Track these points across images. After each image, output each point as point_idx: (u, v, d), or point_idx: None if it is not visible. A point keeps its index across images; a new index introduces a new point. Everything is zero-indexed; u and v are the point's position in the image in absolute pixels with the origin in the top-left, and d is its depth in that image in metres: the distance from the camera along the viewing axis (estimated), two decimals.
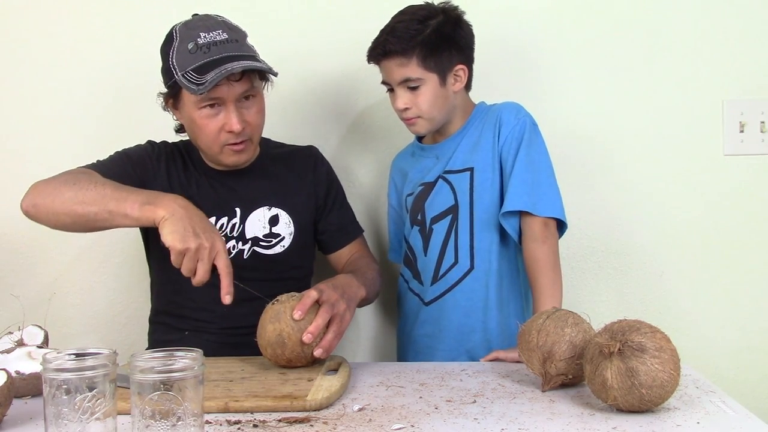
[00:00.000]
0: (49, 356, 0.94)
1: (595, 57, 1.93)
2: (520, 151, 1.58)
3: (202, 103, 1.50)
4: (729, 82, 1.92)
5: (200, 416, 0.95)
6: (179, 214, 1.31)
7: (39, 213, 1.42)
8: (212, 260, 1.30)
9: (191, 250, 1.28)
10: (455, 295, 1.63)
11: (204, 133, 1.53)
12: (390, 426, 1.06)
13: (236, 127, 1.50)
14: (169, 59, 1.50)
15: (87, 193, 1.38)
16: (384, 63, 1.61)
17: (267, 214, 1.64)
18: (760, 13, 1.92)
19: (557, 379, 1.21)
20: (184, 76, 1.46)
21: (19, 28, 1.94)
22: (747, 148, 1.93)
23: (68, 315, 1.95)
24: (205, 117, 1.51)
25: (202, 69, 1.45)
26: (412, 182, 1.73)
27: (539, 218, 1.55)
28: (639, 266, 1.94)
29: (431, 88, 1.59)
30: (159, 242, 1.33)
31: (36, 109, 1.95)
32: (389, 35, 1.58)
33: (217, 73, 1.43)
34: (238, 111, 1.51)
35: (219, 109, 1.51)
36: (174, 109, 1.58)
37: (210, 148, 1.56)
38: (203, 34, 1.48)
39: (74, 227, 1.42)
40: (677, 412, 1.10)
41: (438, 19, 1.59)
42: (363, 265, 1.67)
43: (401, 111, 1.62)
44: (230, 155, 1.56)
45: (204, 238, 1.30)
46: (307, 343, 1.32)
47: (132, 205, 1.34)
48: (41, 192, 1.42)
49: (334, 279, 1.48)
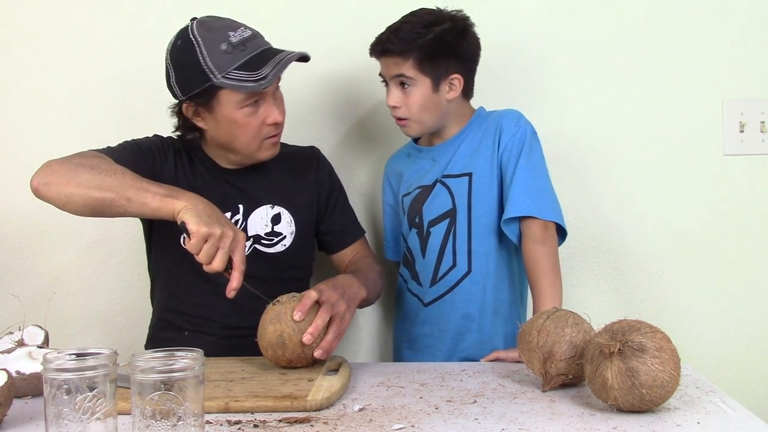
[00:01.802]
0: (50, 356, 0.94)
1: (595, 57, 1.93)
2: (521, 159, 1.59)
3: (246, 101, 1.49)
4: (729, 82, 1.92)
5: (201, 416, 0.95)
6: (200, 206, 1.32)
7: (50, 192, 1.38)
8: (232, 251, 1.31)
9: (215, 236, 1.28)
10: (454, 297, 1.65)
11: (246, 131, 1.53)
12: (390, 426, 1.06)
13: (280, 118, 1.54)
14: (200, 64, 1.46)
15: (106, 178, 1.36)
16: (382, 59, 1.64)
17: (269, 213, 1.64)
18: (760, 13, 1.92)
19: (557, 379, 1.21)
20: (227, 76, 1.45)
21: (20, 28, 1.94)
22: (747, 148, 1.93)
23: (68, 315, 1.94)
24: (247, 115, 1.51)
25: (250, 65, 1.45)
26: (408, 183, 1.74)
27: (540, 220, 1.56)
28: (639, 266, 1.94)
29: (422, 92, 1.60)
30: (162, 238, 1.32)
31: (36, 109, 1.95)
32: (392, 34, 1.60)
33: (274, 65, 1.45)
34: (277, 103, 1.54)
35: (259, 105, 1.52)
36: (199, 116, 1.54)
37: (250, 145, 1.56)
38: (231, 33, 1.47)
39: (84, 210, 1.38)
40: (677, 412, 1.10)
41: (443, 26, 1.60)
42: (365, 266, 1.67)
43: (392, 109, 1.64)
44: (268, 148, 1.58)
45: (228, 227, 1.31)
46: (307, 344, 1.32)
47: (153, 196, 1.33)
48: (55, 171, 1.39)
49: (335, 279, 1.48)
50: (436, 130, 1.69)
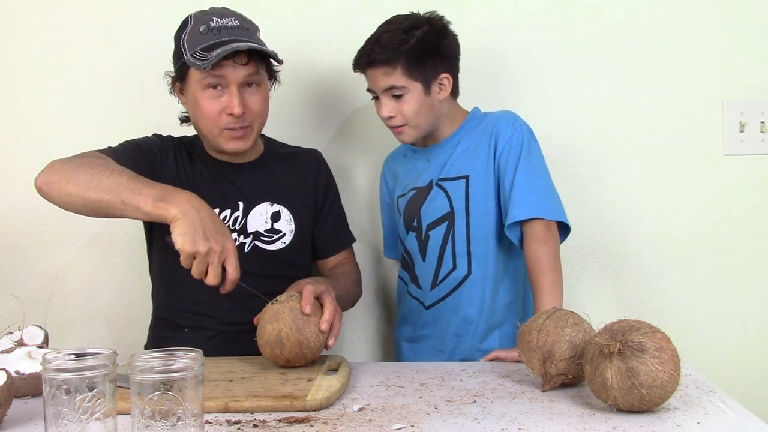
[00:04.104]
0: (49, 356, 0.94)
1: (594, 56, 1.93)
2: (520, 160, 1.59)
3: (206, 81, 1.51)
4: (729, 82, 1.92)
5: (200, 416, 0.95)
6: (191, 215, 1.29)
7: (51, 191, 1.40)
8: (222, 263, 1.30)
9: (201, 254, 1.27)
10: (455, 299, 1.65)
11: (205, 114, 1.55)
12: (390, 426, 1.06)
13: (237, 110, 1.52)
14: (180, 41, 1.53)
15: (103, 179, 1.36)
16: (369, 72, 1.62)
17: (269, 210, 1.64)
18: (760, 13, 1.92)
19: (557, 379, 1.21)
20: (193, 55, 1.49)
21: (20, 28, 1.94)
22: (747, 148, 1.93)
23: (68, 315, 1.94)
24: (208, 98, 1.53)
25: (210, 48, 1.48)
26: (403, 183, 1.75)
27: (543, 220, 1.56)
28: (639, 266, 1.94)
29: (416, 97, 1.60)
30: (161, 235, 1.32)
31: (36, 109, 1.95)
32: (375, 45, 1.59)
33: (222, 50, 1.46)
34: (241, 95, 1.53)
35: (222, 92, 1.53)
36: (180, 94, 1.61)
37: (210, 130, 1.57)
38: (216, 19, 1.52)
39: (84, 211, 1.39)
40: (677, 412, 1.10)
41: (423, 29, 1.60)
42: (340, 273, 1.70)
43: (386, 119, 1.64)
44: (229, 140, 1.57)
45: (214, 242, 1.28)
46: (325, 331, 1.36)
47: (146, 199, 1.32)
48: (57, 171, 1.40)
49: (311, 278, 1.51)
50: (429, 133, 1.69)
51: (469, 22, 1.68)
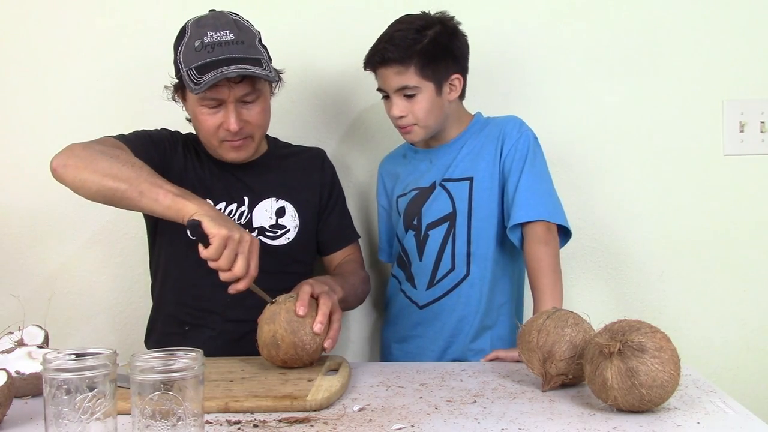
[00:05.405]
0: (50, 356, 0.94)
1: (594, 57, 1.93)
2: (525, 165, 1.60)
3: (203, 101, 1.52)
4: (729, 82, 1.92)
5: (200, 416, 0.95)
6: (213, 212, 1.32)
7: (66, 174, 1.40)
8: (250, 255, 1.30)
9: (234, 240, 1.28)
10: (450, 300, 1.65)
11: (203, 128, 1.56)
12: (390, 426, 1.06)
13: (233, 127, 1.53)
14: (177, 54, 1.53)
15: (123, 168, 1.37)
16: (381, 70, 1.62)
17: (274, 206, 1.65)
18: (760, 13, 1.92)
19: (557, 379, 1.21)
20: (188, 73, 1.49)
21: (20, 27, 1.94)
22: (747, 148, 1.93)
23: (68, 315, 1.94)
24: (205, 114, 1.54)
25: (203, 69, 1.47)
26: (404, 184, 1.74)
27: (544, 222, 1.56)
28: (638, 266, 1.94)
29: (427, 97, 1.60)
30: (167, 230, 1.32)
31: (36, 109, 1.95)
32: (388, 43, 1.59)
33: (212, 76, 1.46)
34: (238, 111, 1.53)
35: (219, 109, 1.53)
36: (183, 100, 1.61)
37: (210, 141, 1.59)
38: (210, 33, 1.50)
39: (96, 197, 1.40)
40: (677, 412, 1.10)
41: (435, 29, 1.60)
42: (348, 270, 1.70)
43: (397, 119, 1.63)
44: (228, 151, 1.59)
45: (245, 232, 1.31)
46: (319, 333, 1.35)
47: (165, 193, 1.34)
48: (77, 155, 1.41)
49: (314, 278, 1.50)
50: (435, 133, 1.69)
51: (469, 25, 1.68)
